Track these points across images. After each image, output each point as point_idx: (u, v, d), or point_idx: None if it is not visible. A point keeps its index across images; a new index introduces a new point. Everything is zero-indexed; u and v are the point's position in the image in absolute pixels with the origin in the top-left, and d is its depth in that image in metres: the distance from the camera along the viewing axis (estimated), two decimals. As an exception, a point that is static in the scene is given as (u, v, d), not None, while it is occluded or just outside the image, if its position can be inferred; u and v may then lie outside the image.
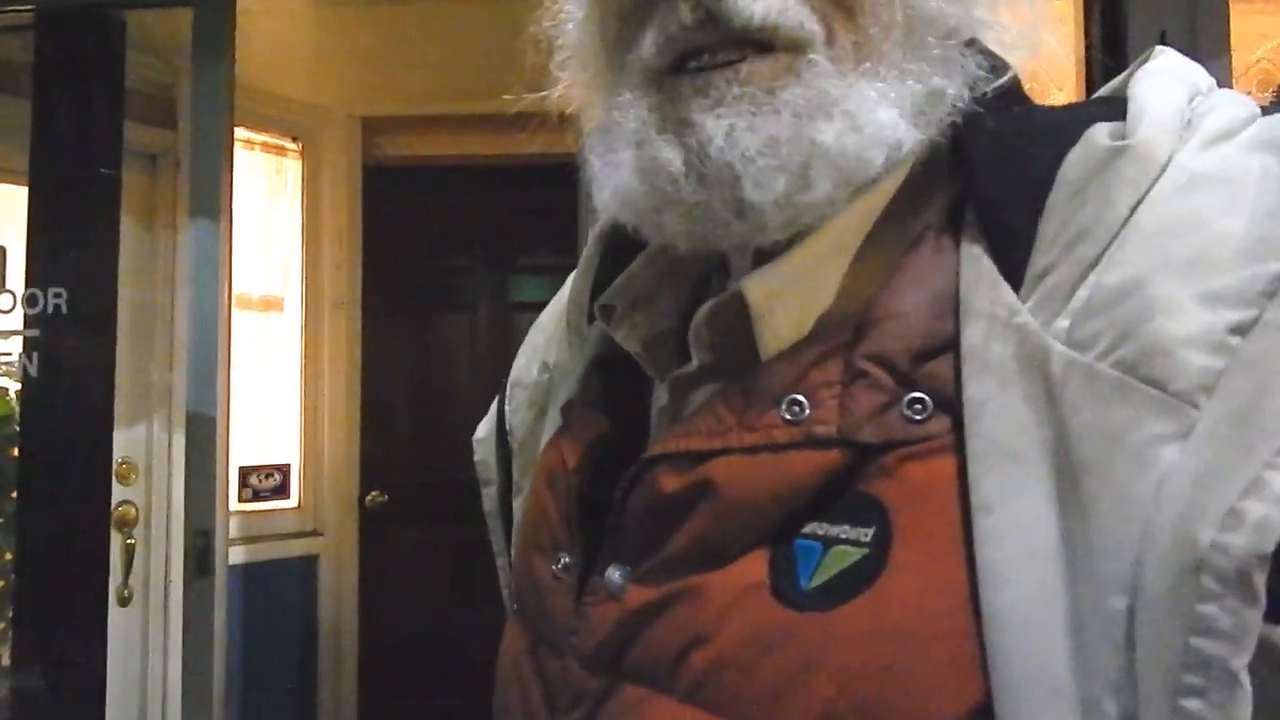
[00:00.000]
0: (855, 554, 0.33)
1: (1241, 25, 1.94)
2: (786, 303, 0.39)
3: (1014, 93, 0.41)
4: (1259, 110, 0.36)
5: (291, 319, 2.63)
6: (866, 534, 0.33)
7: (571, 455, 0.46)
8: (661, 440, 0.40)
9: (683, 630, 0.36)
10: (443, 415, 2.77)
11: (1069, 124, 0.36)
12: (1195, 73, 0.38)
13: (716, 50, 0.37)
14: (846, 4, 0.38)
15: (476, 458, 0.61)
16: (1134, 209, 0.33)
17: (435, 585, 2.75)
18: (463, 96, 2.52)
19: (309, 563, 2.60)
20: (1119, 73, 0.40)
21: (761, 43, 0.37)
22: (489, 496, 0.60)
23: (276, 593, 2.53)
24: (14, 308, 1.82)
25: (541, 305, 0.60)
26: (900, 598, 0.32)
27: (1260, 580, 0.26)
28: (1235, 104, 0.36)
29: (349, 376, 2.68)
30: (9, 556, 2.03)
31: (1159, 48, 0.41)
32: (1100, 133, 0.35)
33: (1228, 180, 0.33)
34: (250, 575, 2.43)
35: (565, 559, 0.43)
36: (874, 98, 0.37)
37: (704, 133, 0.36)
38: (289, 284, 2.63)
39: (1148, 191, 0.33)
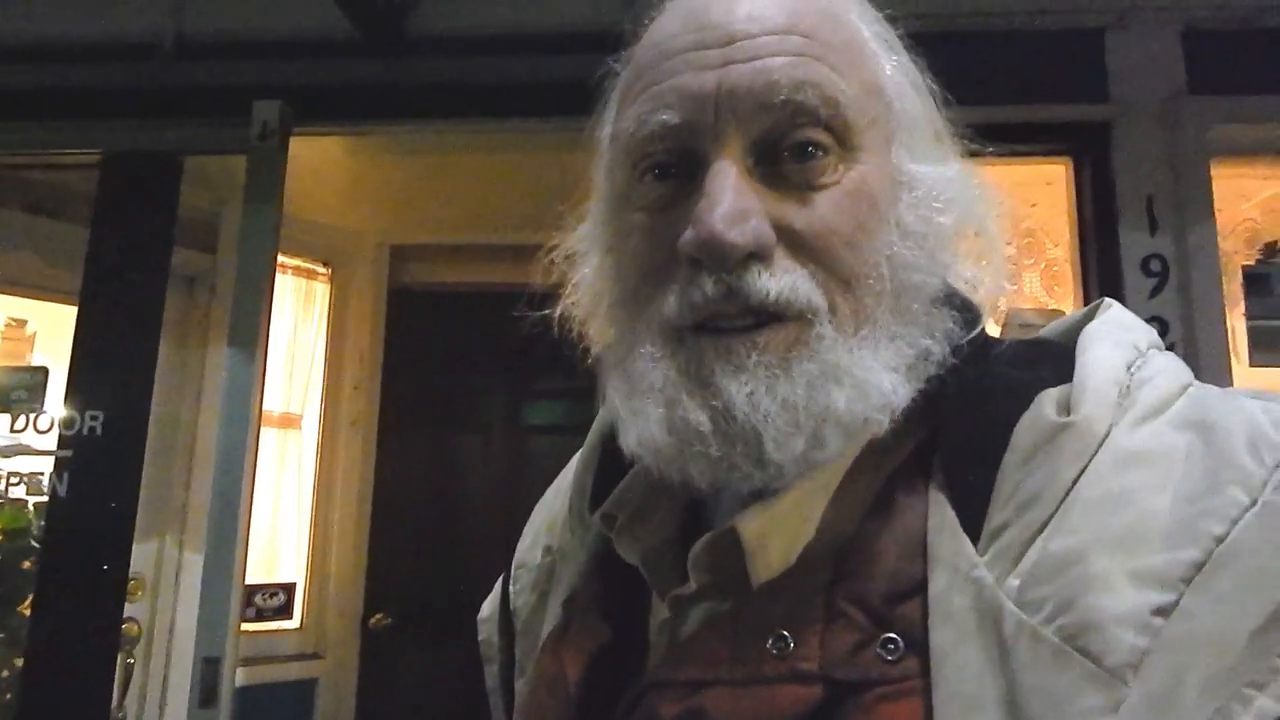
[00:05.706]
0: None
1: (1224, 187, 2.06)
2: (776, 537, 0.43)
3: (982, 342, 0.47)
4: (1188, 380, 0.42)
5: (308, 437, 2.68)
6: None
7: (573, 665, 0.49)
8: (660, 666, 0.43)
9: None
10: (453, 536, 2.76)
11: (1022, 387, 0.42)
12: (1135, 332, 0.44)
13: (735, 317, 0.42)
14: (844, 277, 0.42)
15: (480, 636, 0.63)
16: (1076, 480, 0.38)
17: (435, 709, 2.69)
18: (486, 228, 2.67)
19: (307, 686, 2.55)
20: (1107, 236, 0.45)
21: (775, 314, 0.42)
22: (491, 674, 0.62)
23: (272, 718, 2.47)
24: (50, 428, 1.87)
25: (553, 429, 0.64)
26: None
27: None
28: (1167, 375, 0.41)
29: (361, 495, 2.70)
30: (7, 672, 2.00)
31: (1105, 300, 0.47)
32: (1049, 402, 0.40)
33: (1156, 459, 0.38)
34: (246, 699, 2.38)
35: None
36: (876, 366, 0.42)
37: (728, 396, 0.41)
38: (309, 402, 2.70)
39: (1088, 464, 0.38)
